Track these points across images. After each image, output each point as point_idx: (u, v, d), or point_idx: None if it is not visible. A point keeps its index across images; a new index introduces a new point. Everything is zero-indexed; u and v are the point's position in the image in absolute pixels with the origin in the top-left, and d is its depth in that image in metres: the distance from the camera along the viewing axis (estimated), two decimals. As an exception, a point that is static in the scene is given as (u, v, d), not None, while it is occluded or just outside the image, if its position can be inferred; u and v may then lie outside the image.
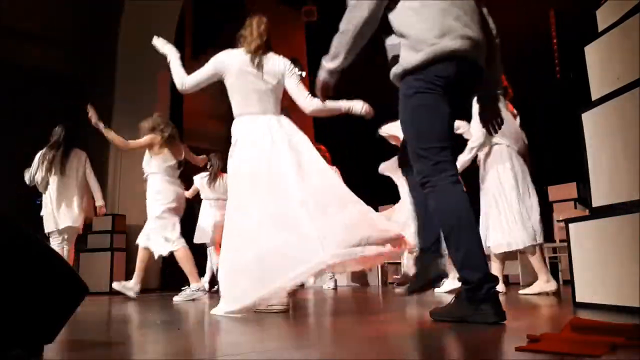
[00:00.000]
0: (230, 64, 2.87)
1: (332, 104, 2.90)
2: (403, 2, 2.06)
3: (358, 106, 2.92)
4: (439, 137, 1.96)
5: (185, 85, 2.94)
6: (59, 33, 7.17)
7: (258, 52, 2.90)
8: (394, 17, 2.08)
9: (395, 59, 2.08)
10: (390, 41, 2.13)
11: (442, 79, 1.96)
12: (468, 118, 3.72)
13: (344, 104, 2.94)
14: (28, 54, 6.78)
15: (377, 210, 4.35)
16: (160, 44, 3.17)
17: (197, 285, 4.07)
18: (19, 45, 6.71)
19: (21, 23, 6.78)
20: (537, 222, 3.72)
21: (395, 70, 2.07)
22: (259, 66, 2.89)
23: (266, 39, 2.96)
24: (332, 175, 2.79)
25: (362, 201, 2.64)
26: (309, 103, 2.91)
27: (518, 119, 4.02)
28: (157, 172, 4.38)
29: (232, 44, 3.29)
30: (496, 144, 3.86)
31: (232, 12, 8.85)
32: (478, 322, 1.79)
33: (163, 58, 3.15)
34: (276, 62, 2.94)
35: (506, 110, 3.85)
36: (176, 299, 3.96)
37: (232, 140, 2.87)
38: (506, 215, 3.74)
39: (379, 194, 5.42)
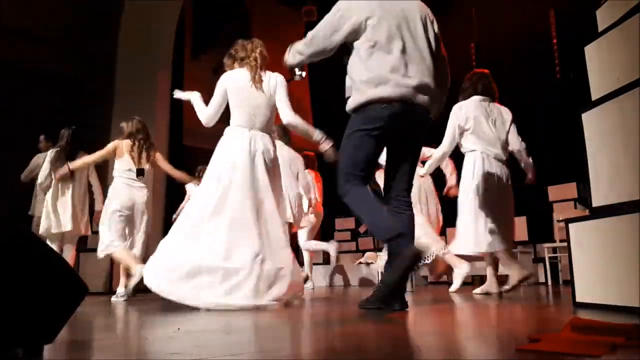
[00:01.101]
0: (231, 82, 3.27)
1: (308, 128, 3.31)
2: (357, 51, 2.60)
3: (325, 146, 3.24)
4: (357, 167, 2.58)
5: (207, 118, 3.32)
6: (59, 33, 7.16)
7: (257, 73, 3.27)
8: (349, 62, 2.66)
9: (348, 99, 2.67)
10: (347, 83, 2.69)
11: (376, 119, 2.53)
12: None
13: (316, 135, 3.26)
14: (28, 54, 6.78)
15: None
16: (183, 95, 3.53)
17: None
18: (19, 45, 6.71)
19: (21, 23, 6.78)
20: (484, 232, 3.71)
21: (346, 108, 2.68)
22: (257, 85, 3.26)
23: (263, 62, 3.33)
24: (277, 218, 3.20)
25: (288, 246, 3.22)
26: (291, 115, 3.28)
27: (508, 120, 3.97)
28: (117, 175, 4.49)
29: (232, 44, 3.35)
30: (470, 150, 3.87)
31: (232, 12, 8.86)
32: (390, 309, 2.44)
33: (163, 57, 3.22)
34: (271, 79, 3.33)
35: (486, 114, 3.84)
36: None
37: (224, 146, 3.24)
38: (463, 220, 3.81)
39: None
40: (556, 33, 7.73)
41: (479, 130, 3.82)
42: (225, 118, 3.41)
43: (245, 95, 3.25)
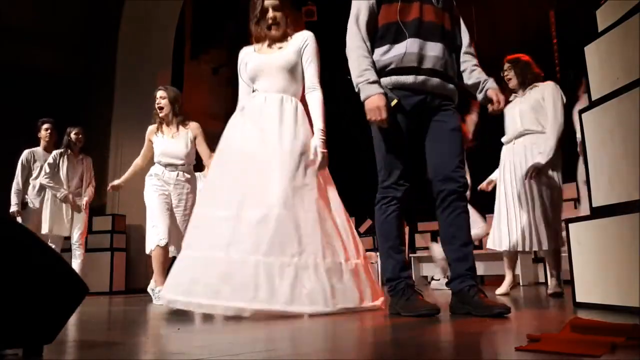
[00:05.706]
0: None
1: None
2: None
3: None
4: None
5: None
6: (59, 33, 7.16)
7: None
8: None
9: None
10: None
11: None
12: None
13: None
14: (28, 54, 6.78)
15: None
16: None
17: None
18: (19, 45, 6.71)
19: (21, 23, 6.78)
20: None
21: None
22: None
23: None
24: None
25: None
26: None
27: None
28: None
29: (232, 43, 3.32)
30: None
31: (232, 12, 8.86)
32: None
33: (163, 57, 3.18)
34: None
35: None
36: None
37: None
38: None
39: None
40: (556, 33, 7.72)
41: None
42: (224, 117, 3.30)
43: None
